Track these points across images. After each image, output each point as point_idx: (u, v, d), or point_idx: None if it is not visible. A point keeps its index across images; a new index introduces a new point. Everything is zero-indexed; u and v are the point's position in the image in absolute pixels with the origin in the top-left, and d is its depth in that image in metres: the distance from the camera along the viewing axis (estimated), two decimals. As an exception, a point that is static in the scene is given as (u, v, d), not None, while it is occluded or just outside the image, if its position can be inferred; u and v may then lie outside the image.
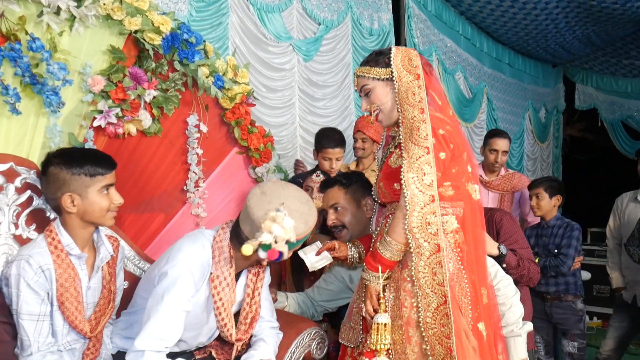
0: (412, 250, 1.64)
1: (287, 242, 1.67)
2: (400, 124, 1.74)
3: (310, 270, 2.07)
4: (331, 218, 2.18)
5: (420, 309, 1.64)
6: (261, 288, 1.94)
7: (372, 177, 2.28)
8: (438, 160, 1.66)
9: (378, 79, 1.81)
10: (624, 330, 3.29)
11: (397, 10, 5.10)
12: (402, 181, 1.65)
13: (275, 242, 1.64)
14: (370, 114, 1.85)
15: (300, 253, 2.04)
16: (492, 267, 1.96)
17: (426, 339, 1.63)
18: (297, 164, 3.75)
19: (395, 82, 1.76)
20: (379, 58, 1.83)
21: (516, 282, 2.16)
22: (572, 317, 2.97)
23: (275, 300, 2.15)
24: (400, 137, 1.73)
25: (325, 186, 2.24)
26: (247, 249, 1.64)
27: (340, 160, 3.02)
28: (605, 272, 3.56)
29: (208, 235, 1.84)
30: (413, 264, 1.64)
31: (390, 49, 1.83)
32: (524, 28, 6.22)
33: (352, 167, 3.55)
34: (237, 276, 1.90)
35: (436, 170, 1.65)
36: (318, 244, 2.03)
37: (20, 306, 1.61)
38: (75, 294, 1.70)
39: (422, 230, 1.62)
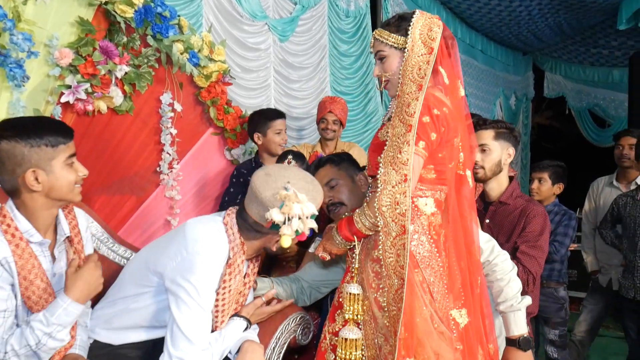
0: (380, 229, 1.59)
1: (312, 215, 1.62)
2: (397, 97, 1.66)
3: None
4: (327, 195, 2.11)
5: (384, 290, 1.60)
6: (252, 282, 1.87)
7: None
8: (429, 140, 1.59)
9: (396, 48, 1.69)
10: (598, 313, 3.35)
11: (373, -8, 5.04)
12: (381, 158, 1.60)
13: (301, 220, 1.58)
14: (380, 81, 1.76)
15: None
16: (488, 242, 1.91)
17: (388, 319, 1.60)
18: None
19: (406, 52, 1.65)
20: (400, 24, 1.69)
21: None
22: (554, 305, 2.96)
23: (255, 287, 2.08)
24: (393, 110, 1.66)
25: (316, 167, 2.17)
26: (287, 240, 1.57)
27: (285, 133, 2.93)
28: (574, 256, 3.59)
29: (218, 221, 1.72)
30: (381, 243, 1.59)
31: (413, 14, 1.68)
32: (497, 14, 6.24)
33: (318, 150, 3.47)
34: None
35: (425, 151, 1.59)
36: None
37: None
38: (44, 285, 1.54)
39: (390, 210, 1.56)
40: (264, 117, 2.81)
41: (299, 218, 1.58)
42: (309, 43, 4.27)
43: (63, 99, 2.03)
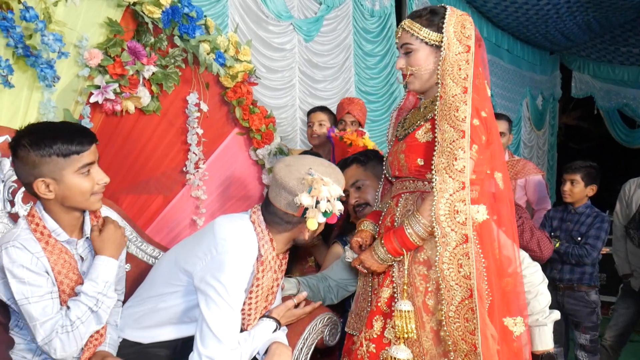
0: (437, 239, 1.53)
1: (339, 198, 1.65)
2: (438, 99, 1.61)
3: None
4: (354, 196, 2.09)
5: (443, 302, 1.54)
6: (281, 279, 1.87)
7: None
8: (480, 143, 1.56)
9: (426, 43, 1.64)
10: (630, 317, 3.28)
11: (398, -8, 5.02)
12: (432, 165, 1.55)
13: (329, 202, 1.61)
14: (404, 76, 1.71)
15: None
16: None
17: (448, 333, 1.53)
18: None
19: (443, 50, 1.60)
20: (433, 18, 1.64)
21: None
22: (585, 309, 2.91)
23: (283, 287, 2.07)
24: (436, 112, 1.61)
25: (342, 167, 2.15)
26: (313, 223, 1.61)
27: (323, 126, 3.15)
28: (603, 259, 3.51)
29: (245, 219, 1.74)
30: (437, 254, 1.53)
31: (445, 9, 1.63)
32: (524, 13, 6.15)
33: None
34: None
35: (477, 155, 1.55)
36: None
37: (23, 291, 1.44)
38: (76, 277, 1.57)
39: (449, 218, 1.51)
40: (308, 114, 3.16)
41: (328, 200, 1.60)
42: (334, 43, 4.27)
43: (92, 99, 2.05)
